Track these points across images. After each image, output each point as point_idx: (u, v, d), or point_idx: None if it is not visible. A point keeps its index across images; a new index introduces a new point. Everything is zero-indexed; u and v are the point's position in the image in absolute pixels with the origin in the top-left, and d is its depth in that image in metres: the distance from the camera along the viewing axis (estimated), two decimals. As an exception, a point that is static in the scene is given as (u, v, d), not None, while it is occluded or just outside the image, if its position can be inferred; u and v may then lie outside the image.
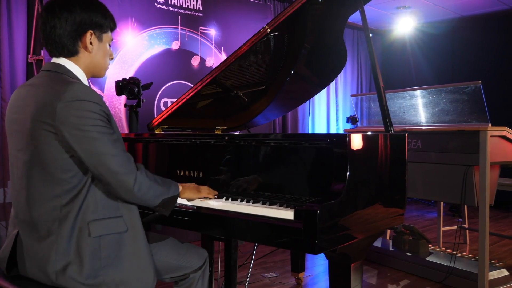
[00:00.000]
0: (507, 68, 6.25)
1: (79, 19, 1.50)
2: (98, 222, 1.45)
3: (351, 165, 1.59)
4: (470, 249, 4.18)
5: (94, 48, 1.55)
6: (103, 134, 1.41)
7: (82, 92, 1.41)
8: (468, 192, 3.04)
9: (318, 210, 1.44)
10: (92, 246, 1.43)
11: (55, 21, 1.49)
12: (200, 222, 1.82)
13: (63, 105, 1.37)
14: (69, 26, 1.49)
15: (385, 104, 1.99)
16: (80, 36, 1.52)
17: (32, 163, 1.44)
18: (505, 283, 3.11)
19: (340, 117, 6.87)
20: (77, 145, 1.39)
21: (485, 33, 6.52)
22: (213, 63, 4.66)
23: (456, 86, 3.17)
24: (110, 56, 1.65)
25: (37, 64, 3.74)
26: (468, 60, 6.60)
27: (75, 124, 1.38)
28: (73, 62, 1.54)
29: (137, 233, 1.53)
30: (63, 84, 1.43)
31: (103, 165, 1.41)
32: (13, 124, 1.53)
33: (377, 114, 3.91)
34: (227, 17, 4.76)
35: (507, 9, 6.21)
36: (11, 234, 1.55)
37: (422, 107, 3.44)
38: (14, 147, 1.52)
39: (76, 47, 1.52)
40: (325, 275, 3.54)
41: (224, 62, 2.49)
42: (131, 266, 1.49)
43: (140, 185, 1.47)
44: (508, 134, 3.03)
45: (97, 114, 1.41)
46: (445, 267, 3.24)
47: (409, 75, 7.09)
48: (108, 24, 1.58)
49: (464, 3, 6.12)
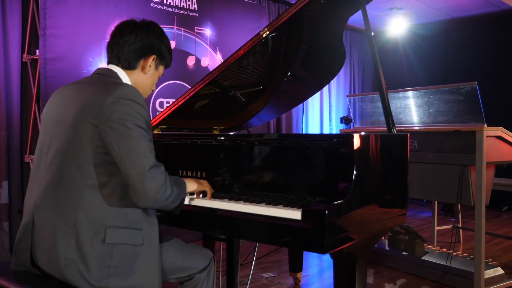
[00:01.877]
0: (499, 69, 6.33)
1: (151, 42, 1.67)
2: (116, 230, 1.46)
3: (357, 165, 1.60)
4: (463, 248, 4.22)
5: (149, 72, 1.70)
6: (142, 136, 1.46)
7: (132, 92, 1.48)
8: (464, 192, 3.07)
9: (326, 210, 1.45)
10: (103, 252, 1.44)
11: (131, 36, 1.64)
12: (204, 222, 1.82)
13: (111, 101, 1.44)
14: (140, 44, 1.65)
15: (387, 105, 2.00)
16: (144, 56, 1.67)
17: (64, 152, 1.48)
18: (500, 282, 3.15)
19: (333, 117, 6.90)
20: (116, 140, 1.43)
21: (476, 34, 6.59)
22: (208, 63, 4.66)
23: (452, 87, 3.21)
24: (153, 88, 1.78)
25: (32, 63, 3.71)
26: (460, 61, 6.67)
27: (118, 120, 1.43)
28: (126, 74, 1.65)
29: (153, 249, 1.54)
30: (113, 83, 1.54)
31: (134, 165, 1.43)
32: (54, 114, 1.58)
33: (372, 115, 3.93)
34: (222, 17, 4.76)
35: (497, 11, 6.29)
36: (25, 221, 1.55)
37: (418, 108, 3.47)
38: (48, 136, 1.57)
39: (136, 63, 1.67)
40: (322, 274, 3.55)
41: (224, 62, 2.49)
42: (139, 281, 1.50)
43: (164, 192, 1.48)
44: (503, 134, 3.07)
45: (142, 116, 1.47)
46: (441, 266, 3.27)
47: (402, 76, 7.15)
48: (168, 60, 1.77)
49: (455, 5, 6.18)
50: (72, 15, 3.65)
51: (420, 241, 3.60)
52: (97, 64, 3.82)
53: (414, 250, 3.55)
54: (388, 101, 2.02)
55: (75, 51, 3.68)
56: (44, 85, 3.51)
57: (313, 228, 1.47)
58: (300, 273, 3.24)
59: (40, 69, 3.51)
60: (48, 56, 3.53)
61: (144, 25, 1.69)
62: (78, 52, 3.71)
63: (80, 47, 3.72)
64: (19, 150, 3.69)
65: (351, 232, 1.59)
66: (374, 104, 3.84)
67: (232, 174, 1.98)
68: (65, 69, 3.61)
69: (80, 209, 1.44)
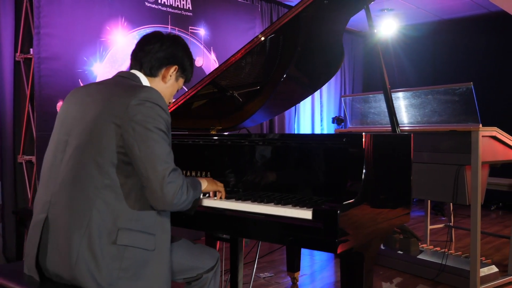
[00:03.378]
0: (487, 70, 6.43)
1: (175, 53, 1.71)
2: (129, 232, 1.46)
3: (366, 165, 1.62)
4: (455, 247, 4.28)
5: (169, 82, 1.73)
6: (163, 140, 1.47)
7: (157, 96, 1.50)
8: (460, 191, 3.11)
9: (339, 210, 1.46)
10: (113, 253, 1.43)
11: (157, 45, 1.69)
12: (213, 223, 1.82)
13: (136, 102, 1.45)
14: (164, 53, 1.69)
15: (391, 105, 2.02)
16: (167, 65, 1.70)
17: (83, 149, 1.48)
18: (495, 279, 3.19)
19: (325, 117, 6.94)
20: (136, 142, 1.43)
21: (465, 36, 6.69)
22: (202, 63, 4.64)
23: (447, 88, 3.25)
24: (171, 100, 1.80)
25: (25, 62, 3.66)
26: (450, 62, 6.76)
27: (141, 121, 1.44)
28: (147, 80, 1.68)
29: (164, 255, 1.54)
30: (138, 86, 1.56)
31: (154, 168, 1.43)
32: (72, 111, 1.58)
33: (367, 115, 3.96)
34: (216, 17, 4.75)
35: (486, 13, 6.38)
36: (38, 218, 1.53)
37: (413, 108, 3.51)
38: (65, 133, 1.56)
39: (158, 71, 1.70)
40: (319, 274, 3.57)
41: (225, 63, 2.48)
42: (148, 285, 1.49)
43: (180, 198, 1.48)
44: (497, 134, 3.11)
45: (164, 120, 1.49)
46: (436, 265, 3.31)
47: (392, 76, 7.21)
48: (189, 73, 1.79)
49: (444, 7, 6.26)
50: (66, 14, 3.61)
51: (415, 240, 3.64)
52: (91, 64, 3.78)
53: (409, 249, 3.59)
54: (392, 101, 2.04)
55: (69, 50, 3.64)
56: (38, 85, 3.47)
57: (325, 228, 1.48)
58: (297, 272, 3.24)
59: (34, 68, 3.46)
60: (42, 55, 3.48)
61: (170, 36, 1.73)
62: (73, 51, 3.67)
63: (75, 47, 3.68)
64: (12, 150, 3.63)
65: (360, 231, 1.60)
66: (369, 105, 3.87)
67: (238, 174, 1.98)
68: (60, 69, 3.57)
69: (95, 208, 1.44)
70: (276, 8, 5.84)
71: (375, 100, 3.80)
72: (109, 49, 3.90)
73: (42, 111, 3.48)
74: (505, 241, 4.47)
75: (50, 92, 3.51)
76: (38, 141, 3.48)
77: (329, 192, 1.74)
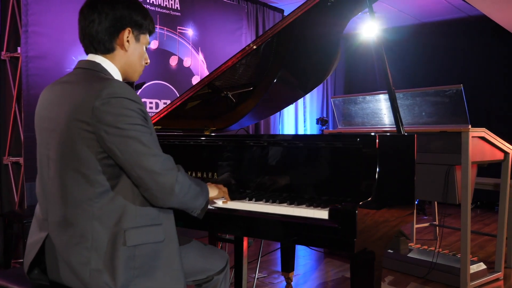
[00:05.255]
0: (467, 71, 6.60)
1: (119, 15, 1.49)
2: (135, 230, 1.40)
3: (380, 166, 1.64)
4: (440, 245, 4.36)
5: (130, 47, 1.54)
6: (141, 133, 1.37)
7: (119, 89, 1.37)
8: (450, 191, 3.19)
9: (357, 210, 1.48)
10: (126, 255, 1.38)
11: (94, 16, 1.48)
12: (224, 223, 1.81)
13: (100, 103, 1.33)
14: (108, 22, 1.48)
15: (396, 105, 2.04)
16: (118, 32, 1.50)
17: (65, 163, 1.39)
18: (483, 276, 3.28)
19: (308, 118, 6.99)
20: (114, 145, 1.34)
21: (445, 39, 6.85)
22: (190, 63, 4.62)
23: (438, 89, 3.32)
24: (145, 61, 1.62)
25: (11, 61, 3.56)
26: (430, 64, 6.91)
27: (112, 122, 1.33)
28: (109, 60, 1.52)
29: (173, 243, 1.49)
30: (99, 81, 1.40)
31: (142, 166, 1.36)
32: (44, 121, 1.47)
33: (356, 116, 4.01)
34: (204, 17, 4.73)
35: (465, 17, 6.56)
36: (38, 237, 1.47)
37: (403, 109, 3.57)
38: (44, 146, 1.47)
39: (112, 43, 1.51)
40: (312, 274, 3.59)
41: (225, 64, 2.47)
42: (164, 277, 1.45)
43: (182, 186, 1.43)
44: (485, 135, 3.20)
45: (135, 112, 1.37)
46: (426, 263, 3.37)
47: (373, 79, 7.33)
48: (147, 26, 1.58)
49: (425, 10, 6.40)
50: (55, 12, 3.54)
51: (404, 239, 3.71)
52: (80, 63, 3.71)
53: (399, 247, 3.65)
54: (397, 101, 2.06)
55: (58, 49, 3.57)
56: (26, 84, 3.39)
57: (343, 228, 1.49)
58: (292, 272, 3.25)
59: (21, 67, 3.38)
60: (30, 53, 3.40)
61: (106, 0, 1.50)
62: (61, 50, 3.60)
63: (63, 45, 3.61)
64: (-3, 151, 3.54)
65: (374, 230, 1.63)
66: (358, 106, 3.92)
67: (248, 175, 1.98)
68: (48, 68, 3.50)
69: (95, 219, 1.37)
70: (262, 9, 5.86)
71: (365, 101, 3.85)
72: (97, 48, 3.84)
73: (30, 111, 3.39)
74: (488, 238, 4.60)
75: (39, 92, 3.38)
76: (26, 142, 3.39)
77: (341, 192, 1.76)
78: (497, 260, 3.45)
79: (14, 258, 3.40)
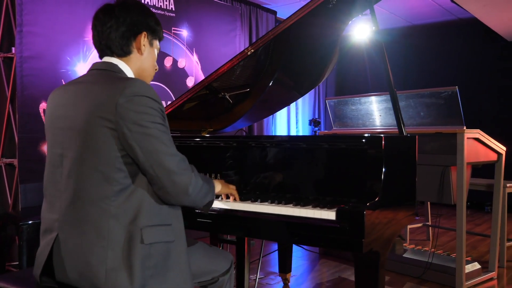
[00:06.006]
0: (454, 74, 6.68)
1: (135, 20, 1.54)
2: (151, 229, 1.41)
3: (386, 166, 1.65)
4: (433, 245, 4.41)
5: (146, 51, 1.59)
6: (161, 132, 1.40)
7: (142, 87, 1.39)
8: (446, 191, 3.22)
9: (365, 211, 1.49)
10: (143, 254, 1.38)
11: (112, 22, 1.53)
12: (228, 224, 1.81)
13: (124, 100, 1.35)
14: (125, 26, 1.53)
15: (398, 107, 2.06)
16: (135, 36, 1.55)
17: (82, 161, 1.39)
18: (478, 276, 3.32)
19: (300, 119, 7.01)
20: (136, 142, 1.36)
21: (434, 41, 6.94)
22: (185, 64, 4.61)
23: (433, 91, 3.35)
24: (155, 67, 1.67)
25: (5, 61, 3.52)
26: (420, 66, 6.99)
27: (135, 120, 1.35)
28: (125, 63, 1.55)
29: (182, 243, 1.51)
30: (122, 80, 1.43)
31: (160, 164, 1.38)
32: (59, 121, 1.47)
33: (350, 117, 4.04)
34: (198, 18, 4.73)
35: (454, 19, 6.64)
36: (48, 238, 1.46)
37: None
38: (58, 146, 1.46)
39: (129, 47, 1.55)
40: (309, 274, 3.60)
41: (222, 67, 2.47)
42: (174, 278, 1.46)
43: (195, 186, 1.45)
44: (480, 136, 3.25)
45: (156, 111, 1.40)
46: (422, 263, 3.41)
47: (365, 80, 7.38)
48: (159, 32, 1.64)
49: (415, 12, 6.46)
50: (49, 12, 3.50)
51: (399, 239, 3.74)
52: (75, 64, 3.68)
53: (394, 248, 3.68)
54: (398, 102, 2.08)
55: (52, 49, 3.54)
56: (20, 85, 3.35)
57: (351, 228, 1.50)
58: (289, 273, 3.26)
59: (16, 68, 3.34)
60: (24, 54, 3.36)
61: (121, 5, 1.55)
62: (56, 50, 3.56)
63: (58, 46, 3.58)
64: (-9, 152, 3.49)
65: (381, 230, 1.64)
66: (353, 107, 3.95)
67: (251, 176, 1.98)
68: (43, 68, 3.46)
69: (112, 218, 1.37)
70: (255, 10, 5.87)
71: (360, 102, 3.88)
72: (92, 49, 3.80)
73: (24, 112, 3.36)
74: (480, 238, 4.67)
75: (33, 92, 3.40)
76: (20, 143, 3.36)
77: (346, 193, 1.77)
78: (491, 260, 3.49)
79: (8, 261, 3.36)
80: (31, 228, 3.04)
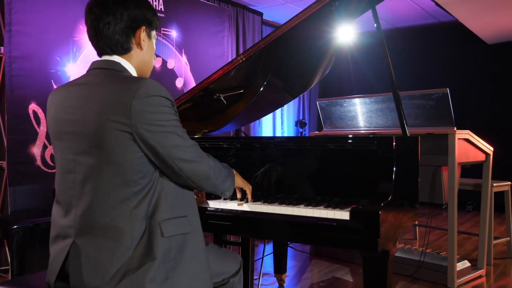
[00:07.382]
0: (440, 76, 6.83)
1: (134, 15, 1.48)
2: (168, 222, 1.41)
3: (397, 167, 1.68)
4: (420, 244, 4.49)
5: (145, 45, 1.54)
6: (177, 128, 1.42)
7: (154, 87, 1.37)
8: (437, 191, 3.29)
9: (380, 211, 1.51)
10: (165, 247, 1.38)
11: (109, 18, 1.45)
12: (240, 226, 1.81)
13: (138, 102, 1.32)
14: (124, 22, 1.47)
15: (401, 108, 2.09)
16: (134, 32, 1.50)
17: (100, 166, 1.36)
18: (468, 273, 3.40)
19: (285, 121, 7.04)
20: (156, 141, 1.36)
21: (416, 44, 7.08)
22: (174, 65, 4.57)
23: (424, 93, 3.42)
24: (154, 61, 1.64)
25: (-7, 61, 3.43)
26: (403, 68, 7.10)
27: (152, 120, 1.35)
28: (126, 60, 1.51)
29: (198, 234, 1.51)
30: (131, 80, 1.39)
31: (181, 158, 1.41)
32: (67, 125, 1.42)
33: (340, 118, 4.08)
34: (187, 19, 4.70)
35: (436, 23, 6.78)
36: (61, 244, 1.43)
37: (390, 111, 3.66)
38: (68, 151, 1.42)
39: (129, 43, 1.50)
40: (302, 275, 3.62)
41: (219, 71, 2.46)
42: (191, 269, 1.46)
43: (215, 170, 1.52)
44: (469, 137, 3.33)
45: (170, 108, 1.40)
46: (414, 261, 3.47)
47: (349, 82, 7.46)
48: (156, 22, 1.58)
49: (398, 15, 6.57)
50: (39, 11, 3.43)
51: (390, 238, 3.79)
52: (64, 64, 3.62)
53: (385, 247, 3.73)
54: (401, 103, 2.11)
55: (42, 49, 3.47)
56: (9, 85, 3.27)
57: (367, 228, 1.52)
58: (284, 274, 3.27)
59: (5, 68, 3.26)
60: (13, 53, 3.29)
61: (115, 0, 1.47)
62: (46, 50, 3.50)
63: (48, 46, 3.51)
64: (-23, 155, 3.40)
65: (393, 230, 1.67)
66: (343, 108, 3.99)
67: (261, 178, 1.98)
68: (32, 68, 3.40)
69: (133, 218, 1.37)
70: (242, 12, 5.87)
71: (351, 104, 3.92)
72: (82, 49, 3.75)
73: (13, 113, 3.29)
74: (465, 237, 4.77)
75: (23, 93, 3.33)
76: (9, 144, 3.28)
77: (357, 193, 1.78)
78: (480, 258, 3.58)
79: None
80: (22, 232, 2.97)
